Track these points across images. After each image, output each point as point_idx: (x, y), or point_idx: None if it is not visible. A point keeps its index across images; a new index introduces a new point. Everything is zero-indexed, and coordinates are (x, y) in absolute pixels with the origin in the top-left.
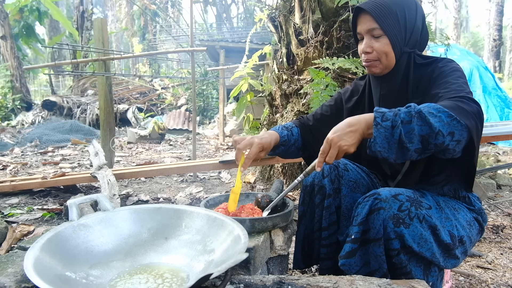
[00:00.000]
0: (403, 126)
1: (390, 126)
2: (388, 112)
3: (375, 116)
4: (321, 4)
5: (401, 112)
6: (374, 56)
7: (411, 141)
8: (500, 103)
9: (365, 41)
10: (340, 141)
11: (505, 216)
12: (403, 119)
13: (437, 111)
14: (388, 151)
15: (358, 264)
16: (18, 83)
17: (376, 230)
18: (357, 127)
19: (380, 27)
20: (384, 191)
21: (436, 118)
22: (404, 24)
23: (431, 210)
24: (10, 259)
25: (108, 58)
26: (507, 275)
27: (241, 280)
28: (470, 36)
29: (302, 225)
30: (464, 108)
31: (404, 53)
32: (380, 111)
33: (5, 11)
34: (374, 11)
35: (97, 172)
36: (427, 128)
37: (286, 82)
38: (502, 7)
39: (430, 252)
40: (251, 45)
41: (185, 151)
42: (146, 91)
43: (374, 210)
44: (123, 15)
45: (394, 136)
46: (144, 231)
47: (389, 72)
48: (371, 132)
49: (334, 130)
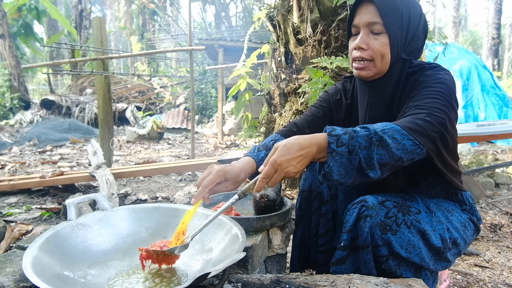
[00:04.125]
0: (361, 152)
1: (347, 152)
2: (343, 135)
3: (329, 142)
4: (319, 3)
5: (358, 136)
6: (368, 55)
7: (372, 168)
8: (499, 102)
9: (362, 35)
10: (289, 167)
11: (503, 214)
12: (360, 144)
13: (402, 138)
14: (345, 177)
15: (349, 271)
16: (16, 82)
17: (364, 237)
18: (307, 151)
19: (382, 23)
20: (371, 198)
21: (399, 145)
22: (407, 26)
23: (420, 215)
24: (8, 258)
25: (107, 57)
26: (505, 274)
27: (239, 279)
28: (468, 34)
29: (299, 230)
30: (426, 130)
31: (399, 59)
32: (334, 134)
33: (4, 9)
34: (380, 2)
35: (95, 171)
36: (387, 157)
37: (284, 81)
38: (500, 5)
39: (418, 257)
40: (250, 44)
41: (183, 150)
42: (144, 90)
43: (361, 217)
44: (122, 13)
45: (351, 162)
46: (142, 230)
47: (380, 78)
48: (323, 156)
49: (282, 153)
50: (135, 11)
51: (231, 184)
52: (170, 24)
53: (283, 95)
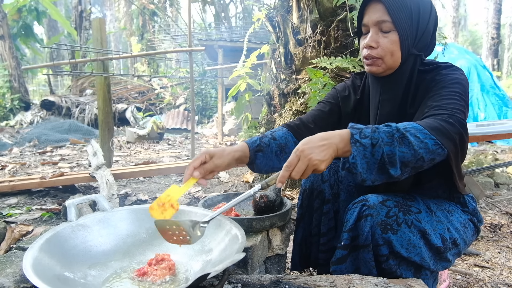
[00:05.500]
0: (384, 146)
1: (370, 144)
2: (365, 129)
3: (352, 133)
4: (319, 4)
5: (380, 131)
6: (377, 53)
7: (393, 165)
8: (498, 102)
9: (371, 34)
10: (312, 154)
11: (503, 214)
12: (382, 139)
13: (424, 137)
14: (366, 172)
15: (349, 270)
16: (16, 83)
17: (365, 237)
18: (330, 142)
19: (391, 21)
20: (372, 197)
21: (421, 144)
22: (417, 23)
23: (421, 215)
24: (9, 259)
25: (107, 58)
26: (504, 274)
27: (239, 280)
28: (468, 34)
29: (300, 228)
30: (449, 131)
31: (411, 55)
32: (357, 127)
33: (4, 11)
34: (388, 1)
35: (95, 172)
36: (409, 155)
37: (284, 81)
38: (500, 5)
39: (419, 256)
40: (249, 44)
41: (183, 151)
42: (144, 91)
43: (362, 216)
44: (122, 14)
45: (374, 155)
46: (142, 231)
47: (392, 74)
48: (347, 149)
49: (305, 142)
50: (135, 11)
51: (217, 158)
52: (170, 24)
53: (282, 96)
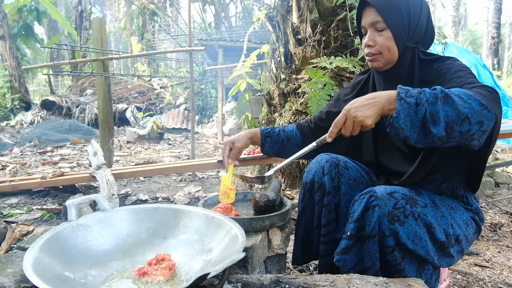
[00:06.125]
0: (428, 106)
1: (414, 103)
2: (412, 90)
3: (399, 92)
4: (319, 3)
5: (426, 92)
6: (376, 50)
7: (435, 123)
8: None
9: (368, 34)
10: (357, 111)
11: (503, 214)
12: (427, 99)
13: (468, 98)
14: (410, 130)
15: (353, 261)
16: (17, 83)
17: (371, 227)
18: (377, 100)
19: (383, 20)
20: (380, 188)
21: (465, 104)
22: (408, 19)
23: (427, 208)
24: (9, 259)
25: (107, 58)
26: (505, 273)
27: (239, 279)
28: (468, 34)
29: (302, 221)
30: (492, 97)
31: (407, 48)
32: (404, 88)
33: (4, 11)
34: (378, 4)
35: (96, 171)
36: (453, 114)
37: (284, 81)
38: (500, 4)
39: (424, 250)
40: (249, 44)
41: (184, 150)
42: (145, 91)
43: (369, 207)
44: (122, 14)
45: (418, 114)
46: (142, 231)
47: (392, 67)
48: (392, 107)
49: (352, 102)
50: (135, 11)
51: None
52: (170, 24)
53: (282, 95)
